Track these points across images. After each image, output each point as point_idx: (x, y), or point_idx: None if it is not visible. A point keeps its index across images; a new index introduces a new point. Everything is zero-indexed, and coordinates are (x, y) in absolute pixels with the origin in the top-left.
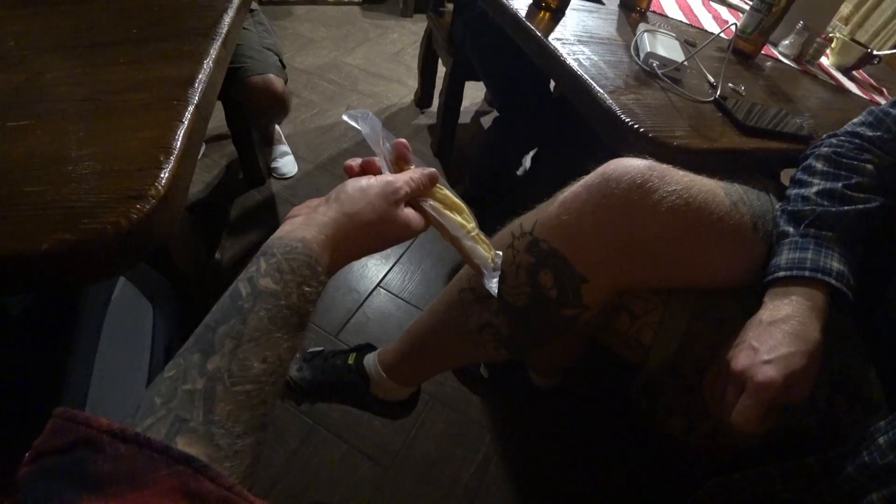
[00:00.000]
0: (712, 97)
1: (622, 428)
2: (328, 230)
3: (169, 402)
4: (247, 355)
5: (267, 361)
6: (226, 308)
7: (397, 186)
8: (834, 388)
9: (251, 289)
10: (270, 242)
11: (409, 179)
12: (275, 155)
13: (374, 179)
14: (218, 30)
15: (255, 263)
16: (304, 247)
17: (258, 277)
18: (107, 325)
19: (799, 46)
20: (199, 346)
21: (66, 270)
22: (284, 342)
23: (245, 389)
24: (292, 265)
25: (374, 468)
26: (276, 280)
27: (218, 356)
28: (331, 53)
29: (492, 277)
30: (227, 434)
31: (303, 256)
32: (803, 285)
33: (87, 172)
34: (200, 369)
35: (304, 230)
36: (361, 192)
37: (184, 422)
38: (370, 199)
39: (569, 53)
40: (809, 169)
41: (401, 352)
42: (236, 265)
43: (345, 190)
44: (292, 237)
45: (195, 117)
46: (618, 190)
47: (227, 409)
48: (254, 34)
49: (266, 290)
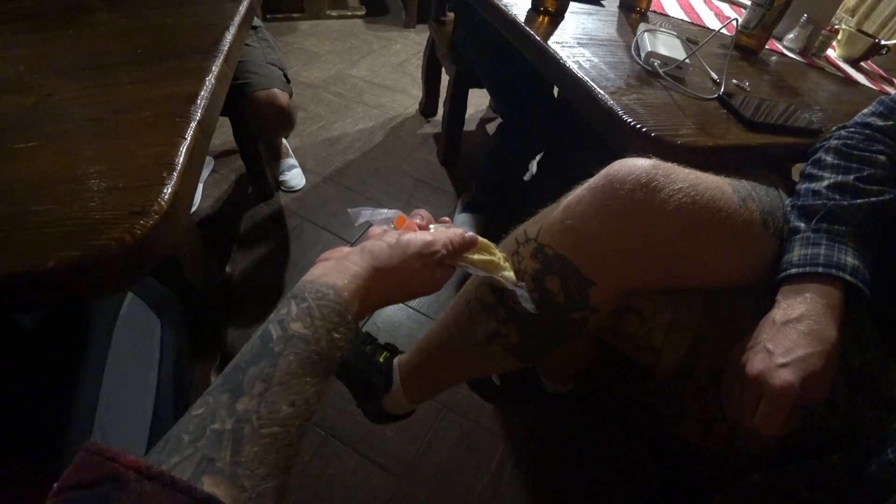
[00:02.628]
0: (716, 94)
1: (636, 433)
2: (359, 280)
3: (196, 440)
4: (275, 398)
5: (295, 405)
6: (256, 350)
7: (435, 249)
8: (853, 388)
9: (282, 332)
10: (301, 285)
11: (448, 242)
12: (283, 168)
13: (413, 237)
14: (220, 47)
15: (285, 305)
16: (336, 294)
17: (289, 321)
18: (115, 339)
19: (804, 40)
20: (229, 385)
21: (73, 286)
22: (312, 387)
23: (272, 432)
24: (323, 311)
25: (387, 478)
26: (307, 325)
27: (247, 397)
28: (336, 66)
29: (524, 298)
30: (251, 476)
31: (333, 304)
32: (817, 282)
33: (93, 190)
34: (229, 409)
35: (335, 277)
36: (399, 249)
37: (210, 461)
38: (406, 257)
39: (569, 56)
40: (819, 162)
41: (412, 365)
42: (247, 279)
43: (380, 244)
44: (323, 283)
45: (197, 133)
46: (622, 191)
47: (254, 451)
48: (258, 50)
49: (297, 334)
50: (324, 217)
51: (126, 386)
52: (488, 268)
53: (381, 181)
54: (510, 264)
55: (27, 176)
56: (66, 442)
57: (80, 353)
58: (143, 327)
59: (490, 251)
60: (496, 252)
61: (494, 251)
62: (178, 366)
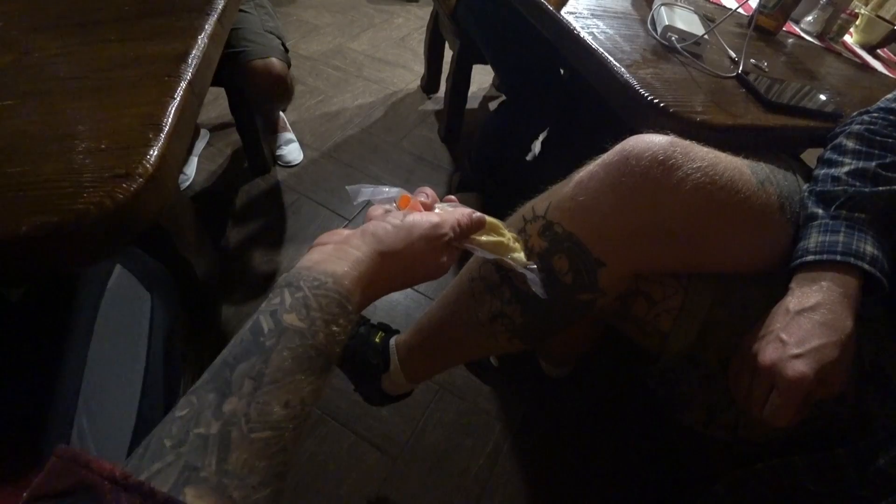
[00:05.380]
0: (734, 73)
1: (636, 418)
2: (362, 267)
3: (179, 446)
4: (267, 399)
5: (289, 406)
6: (246, 343)
7: (443, 232)
8: (864, 380)
9: (274, 324)
10: (296, 273)
11: (456, 224)
12: (280, 143)
13: (419, 218)
14: (213, 5)
15: (278, 295)
16: (335, 282)
17: (282, 312)
18: (101, 313)
19: (822, 23)
20: (215, 384)
21: (48, 254)
22: (308, 385)
23: (263, 436)
24: (321, 302)
25: (382, 458)
26: (303, 317)
27: (235, 398)
28: (335, 40)
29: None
30: (241, 486)
31: (333, 293)
32: (834, 270)
33: (73, 151)
34: (215, 411)
35: (334, 264)
36: (404, 231)
37: (194, 470)
38: (412, 240)
39: (582, 27)
40: (840, 148)
41: (411, 345)
42: (242, 255)
43: (384, 226)
44: (321, 270)
45: (188, 94)
46: (638, 168)
47: (243, 458)
48: (255, 17)
49: (291, 326)
50: (321, 193)
51: (114, 361)
52: (497, 250)
53: (380, 158)
54: (521, 245)
55: (1, 136)
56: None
57: (65, 327)
58: (132, 301)
59: (499, 231)
60: (505, 232)
61: (504, 231)
62: (169, 342)
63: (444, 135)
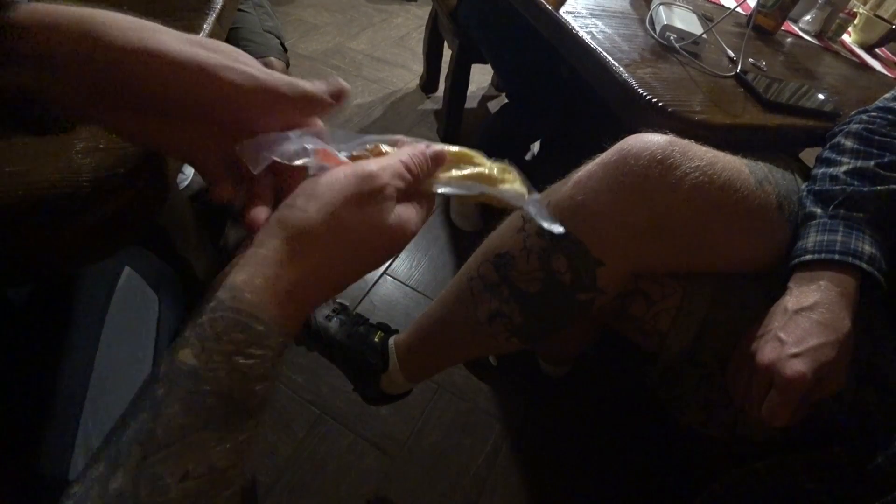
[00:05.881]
0: (733, 72)
1: (634, 417)
2: (270, 267)
3: None
4: (157, 470)
5: (191, 477)
6: (139, 392)
7: (381, 184)
8: (862, 380)
9: (168, 364)
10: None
11: (402, 169)
12: None
13: (338, 175)
14: (211, 5)
15: None
16: (233, 298)
17: (179, 347)
18: (110, 315)
19: (820, 22)
20: (108, 450)
21: (48, 255)
22: (217, 444)
23: None
24: (217, 328)
25: (381, 458)
26: (197, 351)
27: (121, 471)
28: (334, 39)
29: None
30: None
31: (229, 313)
32: (832, 270)
33: (71, 151)
34: (102, 491)
35: (235, 273)
36: (319, 200)
37: None
38: (334, 208)
39: (581, 27)
40: (838, 147)
41: (410, 345)
42: None
43: (288, 202)
44: (222, 285)
45: None
46: (637, 167)
47: None
48: (254, 17)
49: (182, 368)
50: None
51: (120, 362)
52: (479, 183)
53: None
54: (513, 175)
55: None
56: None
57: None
58: (140, 303)
59: (474, 161)
60: (485, 161)
61: (482, 160)
62: None
63: (443, 134)
